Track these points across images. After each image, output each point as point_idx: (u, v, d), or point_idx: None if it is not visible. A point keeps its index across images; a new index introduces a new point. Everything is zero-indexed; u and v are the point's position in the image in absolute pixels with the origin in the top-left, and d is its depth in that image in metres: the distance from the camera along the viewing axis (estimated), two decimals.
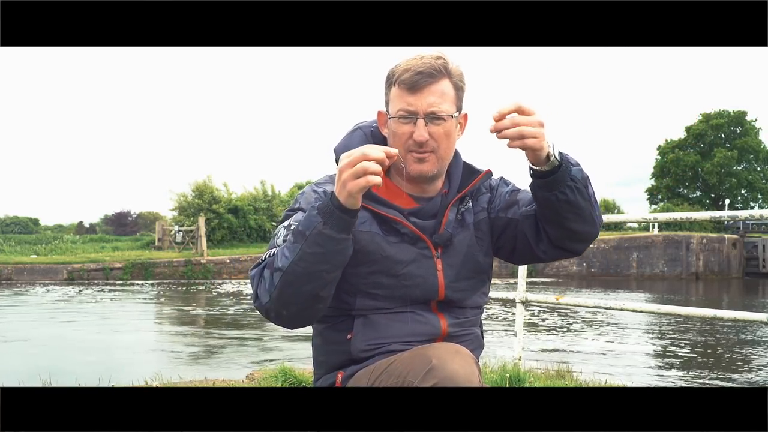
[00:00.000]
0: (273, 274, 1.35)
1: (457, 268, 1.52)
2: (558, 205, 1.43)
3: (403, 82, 1.44)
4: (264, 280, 1.38)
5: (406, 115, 1.44)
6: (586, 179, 1.45)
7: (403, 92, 1.45)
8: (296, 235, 1.34)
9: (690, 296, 21.93)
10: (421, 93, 1.43)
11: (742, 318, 3.76)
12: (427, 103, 1.43)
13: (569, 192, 1.41)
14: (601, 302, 4.61)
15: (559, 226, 1.49)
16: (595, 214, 1.50)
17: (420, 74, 1.42)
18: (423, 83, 1.43)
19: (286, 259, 1.33)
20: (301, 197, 1.53)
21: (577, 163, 1.44)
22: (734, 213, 4.07)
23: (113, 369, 6.59)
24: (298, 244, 1.33)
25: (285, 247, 1.36)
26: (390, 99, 1.49)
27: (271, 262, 1.38)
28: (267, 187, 35.27)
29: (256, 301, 1.41)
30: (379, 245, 1.46)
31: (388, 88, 1.49)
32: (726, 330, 12.03)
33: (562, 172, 1.40)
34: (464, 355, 1.29)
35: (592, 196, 1.48)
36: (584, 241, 1.54)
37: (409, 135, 1.44)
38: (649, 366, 8.79)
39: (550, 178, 1.40)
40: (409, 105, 1.44)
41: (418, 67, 1.43)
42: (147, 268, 25.22)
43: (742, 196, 44.28)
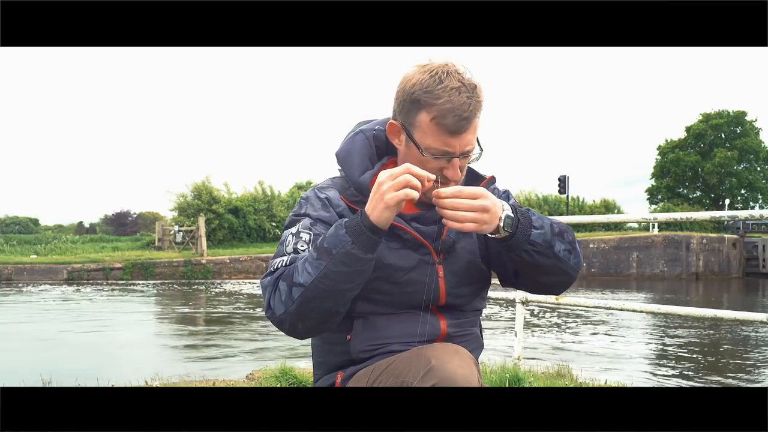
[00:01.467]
0: (292, 288, 1.34)
1: (459, 275, 1.51)
2: (525, 263, 1.43)
3: (445, 126, 1.37)
4: (279, 292, 1.36)
5: (442, 156, 1.40)
6: (550, 240, 1.42)
7: (442, 133, 1.38)
8: (321, 251, 1.32)
9: (690, 296, 21.92)
10: (462, 136, 1.39)
11: (742, 318, 3.76)
12: (465, 143, 1.40)
13: (526, 255, 1.40)
14: (601, 302, 4.61)
15: (526, 277, 1.51)
16: (567, 266, 1.47)
17: (465, 120, 1.37)
18: (465, 128, 1.38)
19: (308, 275, 1.32)
20: (305, 202, 1.51)
21: (541, 225, 1.42)
22: (734, 213, 4.07)
23: (113, 369, 6.59)
24: (323, 261, 1.31)
25: (307, 262, 1.34)
26: (419, 127, 1.40)
27: (289, 275, 1.36)
28: (265, 188, 35.28)
29: (268, 311, 1.39)
30: (380, 252, 1.45)
31: (416, 112, 1.40)
32: (726, 330, 12.03)
33: (517, 238, 1.38)
34: (463, 355, 1.29)
35: (563, 251, 1.45)
36: (556, 288, 1.55)
37: (439, 170, 1.41)
38: (649, 366, 8.79)
39: (506, 244, 1.40)
40: (447, 146, 1.39)
41: (462, 110, 1.36)
42: (147, 268, 25.21)
43: (742, 196, 44.30)
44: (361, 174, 1.50)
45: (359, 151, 1.53)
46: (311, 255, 1.34)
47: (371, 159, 1.54)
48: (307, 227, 1.45)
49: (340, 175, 1.56)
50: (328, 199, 1.49)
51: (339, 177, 1.57)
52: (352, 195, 1.49)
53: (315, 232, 1.43)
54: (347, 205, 1.49)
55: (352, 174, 1.50)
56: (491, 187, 1.59)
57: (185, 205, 32.35)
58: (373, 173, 1.50)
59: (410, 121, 1.43)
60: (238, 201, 33.00)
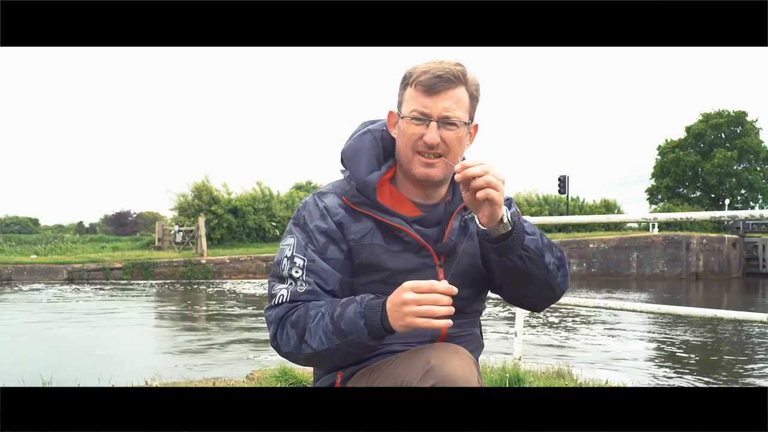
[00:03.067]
0: (302, 344, 1.40)
1: (460, 278, 1.50)
2: (508, 271, 1.42)
3: (421, 84, 1.43)
4: (288, 336, 1.42)
5: (419, 116, 1.43)
6: (542, 249, 1.43)
7: (419, 94, 1.44)
8: (337, 329, 1.35)
9: (690, 296, 21.92)
10: (438, 96, 1.42)
11: (742, 318, 3.76)
12: (442, 107, 1.43)
13: (518, 260, 1.40)
14: (601, 302, 4.61)
15: (510, 288, 1.50)
16: (554, 281, 1.47)
17: (439, 78, 1.42)
18: (440, 87, 1.42)
19: (320, 343, 1.37)
20: (303, 209, 1.51)
21: (533, 232, 1.43)
22: (734, 213, 4.07)
23: (113, 368, 6.59)
24: (337, 339, 1.36)
25: (321, 330, 1.37)
26: (404, 99, 1.48)
27: (298, 325, 1.40)
28: (264, 188, 35.25)
29: (273, 343, 1.46)
30: (380, 257, 1.46)
31: (403, 89, 1.48)
32: (726, 330, 12.03)
33: (513, 240, 1.38)
34: (463, 355, 1.29)
35: (552, 264, 1.45)
36: (539, 303, 1.55)
37: (420, 136, 1.44)
38: (649, 366, 8.78)
39: (500, 245, 1.39)
40: (424, 107, 1.43)
41: (438, 70, 1.42)
42: (147, 268, 25.20)
43: (742, 196, 44.25)
44: (368, 173, 1.50)
45: (368, 151, 1.53)
46: (326, 324, 1.37)
47: (378, 159, 1.54)
48: (302, 250, 1.46)
49: (343, 177, 1.56)
50: (327, 209, 1.49)
51: (340, 180, 1.57)
52: (354, 196, 1.49)
53: (308, 257, 1.45)
54: (348, 207, 1.49)
55: (359, 173, 1.50)
56: None
57: (186, 204, 32.36)
58: (380, 174, 1.50)
59: (400, 101, 1.49)
60: (237, 201, 33.00)
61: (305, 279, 1.44)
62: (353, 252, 1.47)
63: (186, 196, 32.68)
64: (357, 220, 1.48)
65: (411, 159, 1.46)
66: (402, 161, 1.50)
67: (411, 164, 1.47)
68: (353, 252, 1.47)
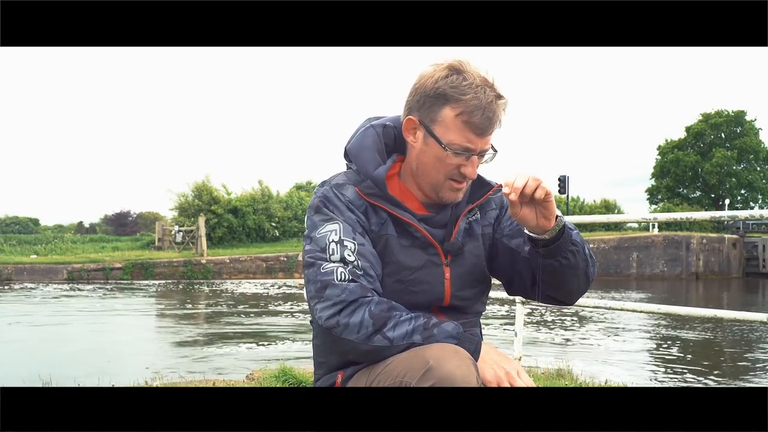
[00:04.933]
0: (376, 334, 1.35)
1: (464, 278, 1.52)
2: (560, 270, 1.45)
3: (473, 123, 1.40)
4: (362, 325, 1.35)
5: (464, 152, 1.43)
6: (583, 240, 1.48)
7: (468, 129, 1.41)
8: (427, 333, 1.35)
9: (690, 296, 21.92)
10: (486, 137, 1.43)
11: (742, 318, 3.76)
12: (486, 142, 1.44)
13: (571, 256, 1.43)
14: (601, 302, 4.61)
15: (557, 288, 1.52)
16: (590, 270, 1.51)
17: (492, 120, 1.41)
18: (490, 130, 1.43)
19: (402, 336, 1.35)
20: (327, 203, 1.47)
21: (573, 227, 1.46)
22: (734, 213, 4.06)
23: (112, 368, 6.59)
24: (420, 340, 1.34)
25: (411, 325, 1.35)
26: (442, 122, 1.42)
27: (379, 317, 1.35)
28: (264, 188, 35.26)
29: (331, 319, 1.37)
30: (392, 249, 1.47)
31: (440, 107, 1.42)
32: (726, 330, 12.03)
33: (565, 237, 1.42)
34: (462, 355, 1.29)
35: (590, 255, 1.50)
36: (577, 296, 1.59)
37: (456, 166, 1.45)
38: (649, 366, 8.79)
39: (554, 245, 1.41)
40: (470, 143, 1.42)
41: (491, 110, 1.40)
42: (147, 268, 25.21)
43: (742, 196, 44.26)
44: (375, 168, 1.50)
45: (371, 147, 1.53)
46: (418, 325, 1.35)
47: (381, 155, 1.54)
48: (350, 235, 1.42)
49: (352, 169, 1.55)
50: (351, 202, 1.47)
51: (349, 171, 1.56)
52: (368, 187, 1.49)
53: (358, 241, 1.41)
54: (365, 201, 1.48)
55: (367, 169, 1.50)
56: (498, 195, 1.61)
57: (186, 204, 32.38)
58: (386, 169, 1.50)
59: (432, 116, 1.44)
60: (237, 201, 33.02)
61: (360, 265, 1.40)
62: (373, 242, 1.47)
63: (186, 196, 32.72)
64: (374, 212, 1.49)
65: (442, 184, 1.47)
66: (427, 181, 1.49)
67: (440, 188, 1.48)
68: (373, 242, 1.47)
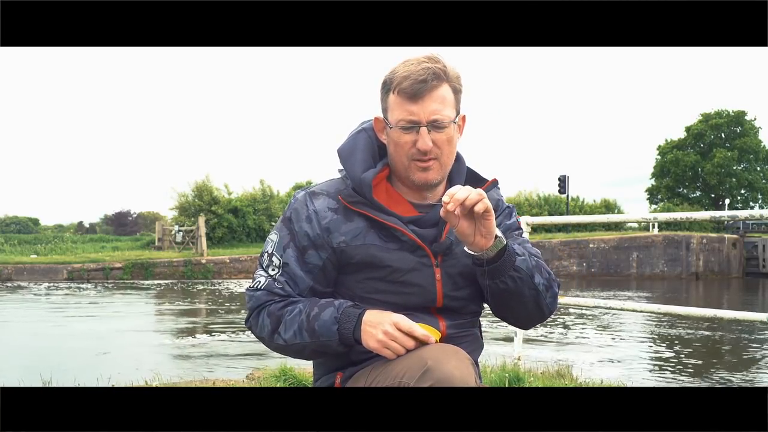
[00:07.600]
0: (274, 333, 1.47)
1: (456, 278, 1.51)
2: (501, 293, 1.44)
3: (404, 91, 1.42)
4: (263, 326, 1.49)
5: (408, 125, 1.43)
6: (532, 269, 1.45)
7: (404, 101, 1.43)
8: (311, 328, 1.42)
9: (690, 296, 21.92)
10: (423, 101, 1.42)
11: (742, 318, 3.76)
12: (429, 111, 1.42)
13: (510, 281, 1.42)
14: (601, 302, 4.61)
15: (505, 311, 1.52)
16: (543, 302, 1.49)
17: (421, 82, 1.41)
18: (424, 91, 1.41)
19: (293, 336, 1.45)
20: (294, 205, 1.52)
21: (523, 253, 1.45)
22: (734, 213, 4.07)
23: (112, 368, 6.59)
24: (307, 337, 1.43)
25: (296, 324, 1.44)
26: (389, 107, 1.47)
27: (275, 315, 1.47)
28: (265, 188, 35.30)
29: (247, 323, 1.55)
30: (374, 256, 1.46)
31: (386, 95, 1.48)
32: (726, 330, 12.03)
33: (505, 260, 1.41)
34: (461, 356, 1.29)
35: (542, 285, 1.47)
36: (528, 324, 1.59)
37: (412, 144, 1.44)
38: (648, 366, 8.79)
39: (492, 267, 1.40)
40: (411, 114, 1.43)
41: (418, 74, 1.41)
42: (147, 268, 25.21)
43: (742, 196, 44.27)
44: (364, 171, 1.50)
45: (362, 149, 1.54)
46: (302, 321, 1.43)
47: (374, 157, 1.54)
48: (281, 251, 1.51)
49: (340, 176, 1.56)
50: (316, 212, 1.49)
51: (336, 179, 1.56)
52: (349, 195, 1.49)
53: (284, 259, 1.50)
54: (341, 207, 1.49)
55: (355, 171, 1.50)
56: (493, 190, 1.59)
57: (186, 204, 32.40)
58: (375, 172, 1.50)
59: (384, 107, 1.50)
60: (237, 201, 33.04)
61: (279, 278, 1.50)
62: (345, 253, 1.47)
63: (187, 195, 32.73)
64: (349, 220, 1.48)
65: (407, 166, 1.47)
66: (397, 169, 1.50)
67: (408, 171, 1.47)
68: (345, 253, 1.47)
